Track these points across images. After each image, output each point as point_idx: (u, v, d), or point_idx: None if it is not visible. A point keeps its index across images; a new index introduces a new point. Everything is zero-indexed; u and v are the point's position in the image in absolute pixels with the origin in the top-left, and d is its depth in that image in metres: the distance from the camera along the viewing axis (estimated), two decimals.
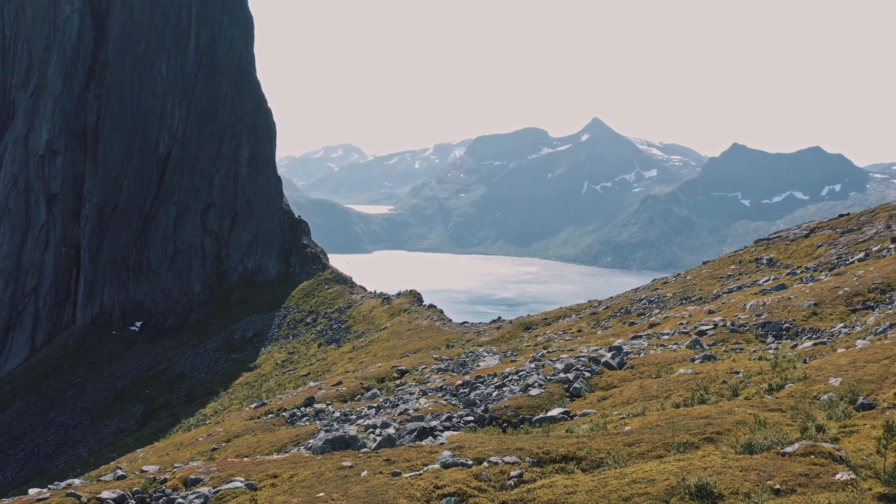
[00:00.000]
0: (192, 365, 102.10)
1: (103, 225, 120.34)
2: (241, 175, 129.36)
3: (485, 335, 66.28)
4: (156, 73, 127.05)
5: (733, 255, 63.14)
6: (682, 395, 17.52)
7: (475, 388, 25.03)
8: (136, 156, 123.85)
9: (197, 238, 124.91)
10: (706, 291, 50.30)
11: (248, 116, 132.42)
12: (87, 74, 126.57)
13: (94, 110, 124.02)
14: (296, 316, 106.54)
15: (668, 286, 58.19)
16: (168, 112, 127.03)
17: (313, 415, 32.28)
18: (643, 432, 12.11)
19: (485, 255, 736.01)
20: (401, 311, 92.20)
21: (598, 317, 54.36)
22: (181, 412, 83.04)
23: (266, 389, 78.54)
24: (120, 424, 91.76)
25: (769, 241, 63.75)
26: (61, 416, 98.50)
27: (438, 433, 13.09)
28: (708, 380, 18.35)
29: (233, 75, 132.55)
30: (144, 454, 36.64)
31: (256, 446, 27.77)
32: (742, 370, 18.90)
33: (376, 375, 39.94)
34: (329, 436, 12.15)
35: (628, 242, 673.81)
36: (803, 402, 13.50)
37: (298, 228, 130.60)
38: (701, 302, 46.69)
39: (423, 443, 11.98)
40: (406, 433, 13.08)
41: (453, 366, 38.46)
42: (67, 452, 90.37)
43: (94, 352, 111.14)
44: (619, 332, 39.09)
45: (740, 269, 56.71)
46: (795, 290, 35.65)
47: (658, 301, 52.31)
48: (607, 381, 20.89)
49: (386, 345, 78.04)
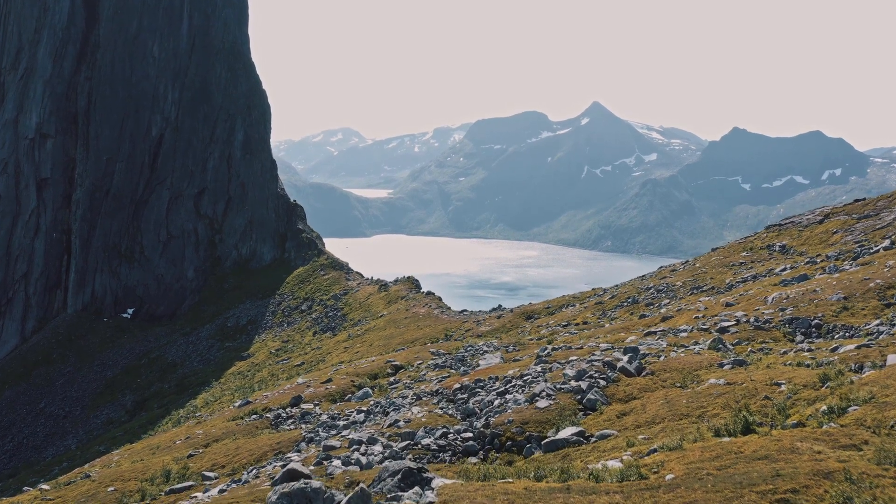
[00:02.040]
0: (184, 353, 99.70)
1: (94, 210, 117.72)
2: (236, 158, 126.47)
3: (484, 324, 63.79)
4: (148, 54, 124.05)
5: (744, 242, 60.47)
6: (717, 413, 14.94)
7: (475, 393, 22.46)
8: (128, 139, 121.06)
9: (190, 223, 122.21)
10: (718, 280, 47.68)
11: (243, 98, 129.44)
12: (77, 56, 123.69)
13: (86, 93, 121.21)
14: (290, 303, 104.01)
15: (677, 274, 55.56)
16: (161, 94, 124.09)
17: (299, 417, 29.83)
18: (692, 486, 9.48)
19: (484, 239, 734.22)
20: (398, 298, 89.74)
21: (603, 307, 51.78)
22: (172, 403, 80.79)
23: (259, 380, 76.30)
24: (110, 415, 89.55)
25: (781, 226, 61.08)
26: (51, 406, 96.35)
27: (428, 480, 10.48)
28: (746, 394, 15.76)
29: (227, 56, 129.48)
30: (119, 457, 34.26)
31: (235, 454, 25.40)
32: (784, 381, 16.33)
33: (369, 371, 37.43)
34: (286, 488, 9.60)
35: (628, 226, 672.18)
36: (885, 436, 10.90)
37: (294, 213, 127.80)
38: (714, 292, 44.10)
39: (407, 499, 9.50)
40: (388, 475, 10.54)
41: (451, 361, 35.94)
42: (56, 444, 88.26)
43: (85, 340, 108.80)
44: (628, 325, 36.49)
45: (752, 257, 54.10)
46: (820, 281, 33.04)
47: (667, 290, 49.73)
48: (626, 391, 18.28)
49: (382, 333, 75.67)
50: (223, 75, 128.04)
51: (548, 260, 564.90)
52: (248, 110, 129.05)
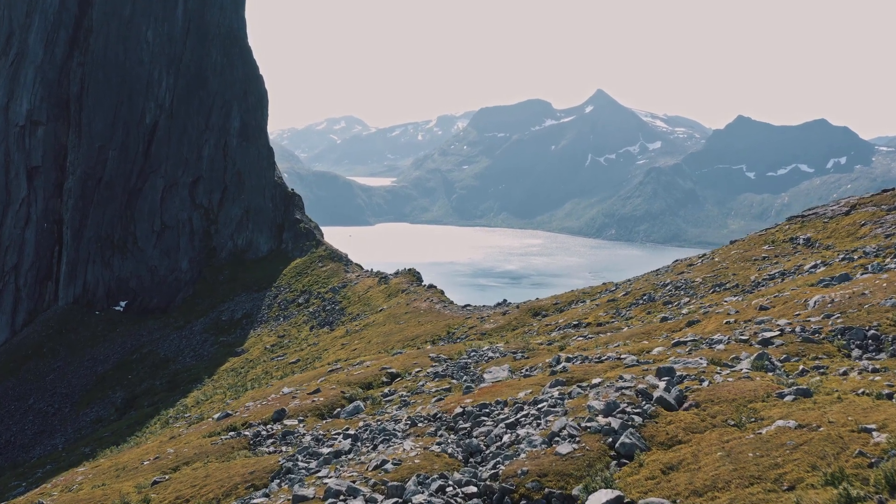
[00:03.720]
0: (177, 348, 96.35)
1: (86, 199, 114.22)
2: (232, 146, 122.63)
3: (489, 321, 60.22)
4: (142, 39, 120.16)
5: (764, 234, 56.77)
6: (800, 476, 11.35)
7: (479, 422, 18.90)
8: (122, 126, 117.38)
9: (185, 213, 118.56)
10: (742, 277, 44.00)
11: (239, 84, 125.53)
12: (69, 41, 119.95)
13: (78, 78, 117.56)
14: (287, 296, 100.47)
15: (695, 269, 51.86)
16: (155, 80, 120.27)
17: (280, 436, 26.36)
18: None
19: (488, 228, 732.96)
20: (399, 291, 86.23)
21: (617, 304, 48.14)
22: (162, 401, 77.52)
23: (252, 378, 73.01)
24: (99, 413, 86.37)
25: (804, 218, 57.31)
26: (40, 402, 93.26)
27: None
28: (830, 444, 12.17)
29: (223, 41, 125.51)
30: (84, 477, 30.89)
31: (203, 485, 21.98)
32: (874, 426, 12.77)
33: (362, 380, 33.93)
34: None
35: (632, 215, 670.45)
36: None
37: (291, 202, 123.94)
38: (739, 291, 40.42)
39: None
40: None
41: (452, 369, 32.48)
42: (44, 443, 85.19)
43: (77, 333, 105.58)
44: (649, 330, 32.82)
45: (775, 251, 50.49)
46: (866, 282, 29.36)
47: (685, 287, 46.07)
48: (668, 433, 14.63)
49: (381, 329, 72.26)
50: (219, 60, 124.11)
51: (552, 248, 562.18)
52: (244, 96, 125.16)
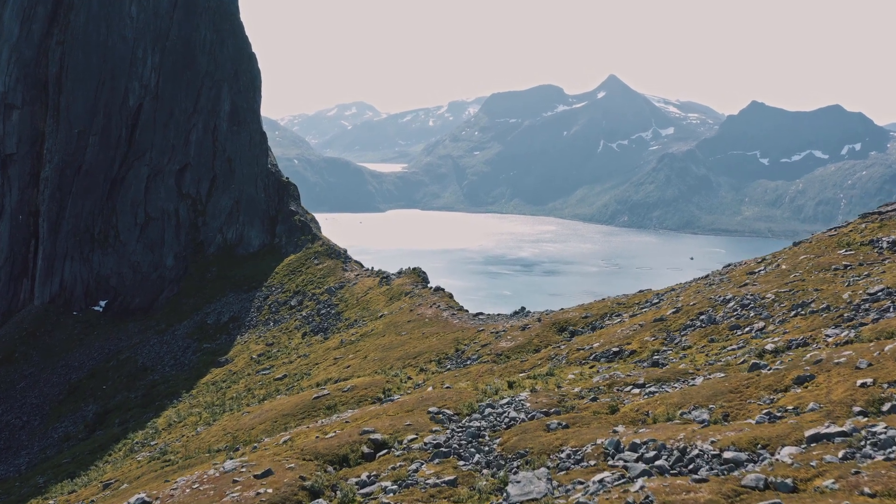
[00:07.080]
0: (157, 355, 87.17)
1: (65, 189, 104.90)
2: (222, 131, 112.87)
3: (505, 338, 50.55)
4: (125, 14, 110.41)
5: (836, 235, 46.79)
6: None
7: None
8: (103, 109, 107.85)
9: (171, 204, 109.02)
10: (829, 294, 34.08)
11: (229, 63, 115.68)
12: (48, 18, 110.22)
13: (57, 58, 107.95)
14: (279, 297, 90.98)
15: (760, 279, 41.98)
16: (139, 59, 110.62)
17: None
18: None
19: (499, 214, 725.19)
20: (402, 294, 76.68)
21: (667, 325, 38.50)
22: (133, 419, 68.83)
23: (232, 395, 63.91)
24: (68, 429, 77.67)
25: (881, 215, 47.33)
26: (8, 414, 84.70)
27: None
28: None
29: (212, 17, 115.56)
30: None
31: None
32: None
33: (335, 451, 24.42)
34: None
35: (645, 201, 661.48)
36: None
37: (286, 192, 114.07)
38: (835, 316, 30.51)
39: None
40: None
41: (460, 440, 23.05)
42: (8, 461, 76.68)
43: (51, 336, 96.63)
44: (738, 386, 22.93)
45: (857, 257, 40.71)
46: None
47: (755, 306, 36.25)
48: None
49: (380, 342, 62.78)
50: (208, 37, 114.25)
51: (564, 235, 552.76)
52: (235, 76, 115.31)
